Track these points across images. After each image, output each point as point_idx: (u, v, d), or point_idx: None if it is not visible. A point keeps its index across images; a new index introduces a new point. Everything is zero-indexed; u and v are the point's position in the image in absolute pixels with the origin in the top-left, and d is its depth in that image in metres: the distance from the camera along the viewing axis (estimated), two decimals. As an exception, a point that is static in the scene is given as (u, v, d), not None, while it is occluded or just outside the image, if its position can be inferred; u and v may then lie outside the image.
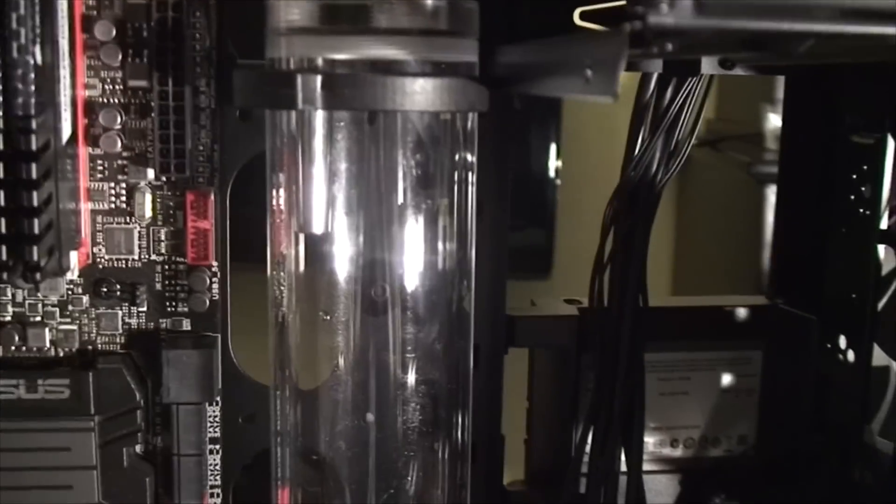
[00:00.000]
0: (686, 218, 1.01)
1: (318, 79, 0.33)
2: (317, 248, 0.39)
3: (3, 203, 0.34)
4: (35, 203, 0.34)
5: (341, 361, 0.41)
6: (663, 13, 0.23)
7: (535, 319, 0.47)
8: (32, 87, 0.33)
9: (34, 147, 0.33)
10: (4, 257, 0.34)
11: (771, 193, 0.94)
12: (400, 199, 0.39)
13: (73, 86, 0.38)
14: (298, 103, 0.33)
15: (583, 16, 0.40)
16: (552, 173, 1.06)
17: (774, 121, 1.01)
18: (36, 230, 0.34)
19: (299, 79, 0.33)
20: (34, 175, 0.34)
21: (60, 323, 0.41)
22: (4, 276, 0.34)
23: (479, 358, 0.45)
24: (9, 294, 0.41)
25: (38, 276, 0.35)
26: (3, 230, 0.34)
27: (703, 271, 0.90)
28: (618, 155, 0.45)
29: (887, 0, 0.24)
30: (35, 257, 0.34)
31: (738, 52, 0.36)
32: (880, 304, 0.44)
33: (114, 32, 0.39)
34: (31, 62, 0.33)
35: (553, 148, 1.07)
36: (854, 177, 0.44)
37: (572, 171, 1.07)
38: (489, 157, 0.43)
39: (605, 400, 0.47)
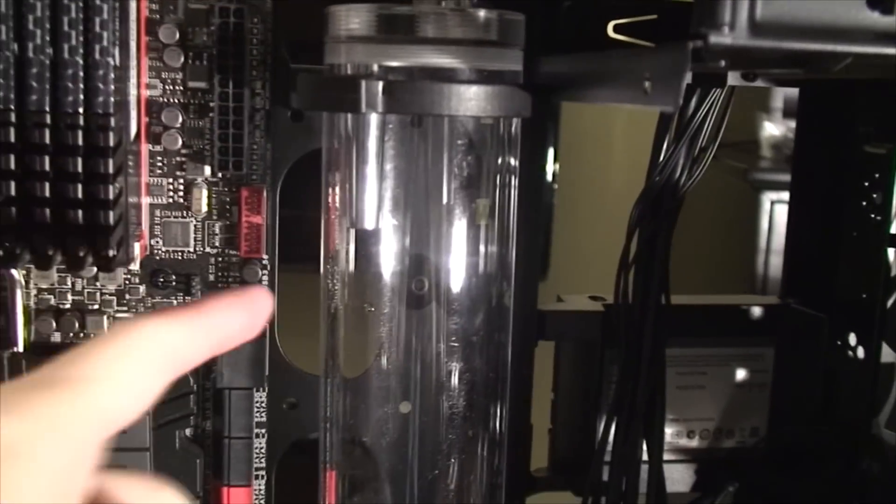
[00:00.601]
0: (684, 221, 1.04)
1: (380, 85, 0.36)
2: (367, 244, 0.41)
3: (80, 196, 0.36)
4: (111, 196, 0.36)
5: (385, 351, 0.43)
6: (724, 34, 0.25)
7: (564, 314, 0.49)
8: (112, 87, 0.36)
9: (112, 143, 0.36)
10: (77, 247, 0.36)
11: (766, 199, 0.97)
12: (445, 199, 0.41)
13: (138, 85, 0.41)
14: (362, 107, 0.35)
15: (616, 28, 0.43)
16: (549, 177, 1.09)
17: (770, 129, 1.04)
18: (111, 222, 0.36)
19: (363, 84, 0.35)
20: (111, 170, 0.36)
21: (117, 311, 0.43)
22: (79, 263, 0.37)
23: (511, 350, 0.47)
24: (68, 283, 0.43)
25: (111, 265, 0.37)
26: (80, 221, 0.36)
27: (699, 272, 0.92)
28: (613, 160, 0.48)
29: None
30: (109, 248, 0.37)
31: (779, 67, 0.38)
32: (889, 303, 0.47)
33: (176, 36, 0.41)
34: (111, 63, 0.36)
35: (551, 152, 1.09)
36: (866, 184, 0.47)
37: (569, 175, 1.10)
38: (525, 160, 0.45)
39: (628, 392, 0.49)
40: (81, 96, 0.35)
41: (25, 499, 0.19)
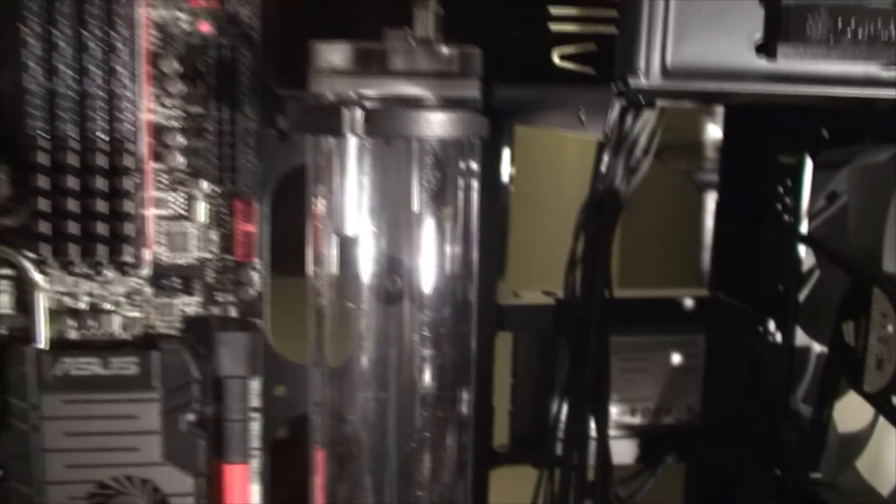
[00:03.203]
0: (632, 220, 1.11)
1: (359, 112, 0.42)
2: (348, 248, 0.47)
3: (104, 210, 0.42)
4: (133, 211, 0.42)
5: (364, 342, 0.49)
6: (640, 78, 0.32)
7: (520, 308, 0.56)
8: (131, 115, 0.42)
9: (133, 165, 0.42)
10: (99, 254, 0.42)
11: (709, 199, 1.04)
12: (415, 207, 0.48)
13: (143, 110, 0.46)
14: (345, 131, 0.42)
15: (561, 56, 0.49)
16: (506, 178, 1.15)
17: (713, 132, 1.11)
18: (134, 233, 0.42)
19: (345, 112, 0.42)
20: (132, 188, 0.42)
21: (128, 310, 0.49)
22: (101, 269, 0.43)
23: (475, 340, 0.54)
24: (84, 286, 0.49)
25: (130, 270, 0.43)
26: (105, 233, 0.42)
27: (647, 267, 1.00)
28: (565, 165, 0.54)
29: (798, 67, 0.34)
30: (128, 255, 0.42)
31: (691, 100, 0.45)
32: (802, 295, 0.54)
33: (178, 67, 0.47)
34: (130, 95, 0.42)
35: (507, 154, 1.16)
36: (780, 189, 0.54)
37: (524, 178, 1.16)
38: (483, 171, 0.52)
39: (578, 376, 0.56)
40: (105, 124, 0.41)
41: None
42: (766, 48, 0.33)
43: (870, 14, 0.33)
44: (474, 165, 0.47)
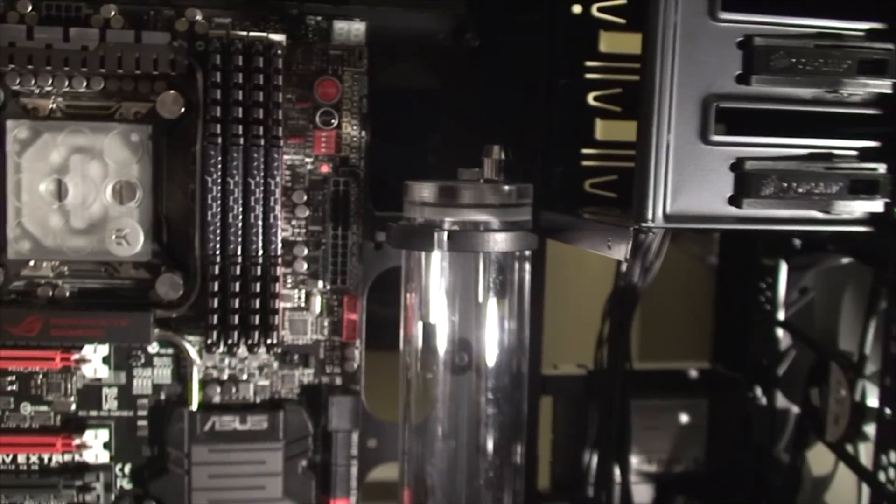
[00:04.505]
0: (651, 299, 1.25)
1: (445, 234, 0.57)
2: (430, 331, 0.62)
3: (257, 307, 0.57)
4: (279, 307, 0.57)
5: (440, 404, 0.64)
6: (649, 222, 0.47)
7: (559, 378, 0.71)
8: (277, 238, 0.57)
9: (279, 274, 0.57)
10: (256, 339, 0.58)
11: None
12: (480, 300, 0.62)
13: (277, 230, 0.62)
14: (434, 248, 0.57)
15: (591, 185, 0.64)
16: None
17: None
18: (277, 323, 0.57)
19: (436, 234, 0.56)
20: (279, 290, 0.57)
21: (259, 380, 0.64)
22: (255, 349, 0.58)
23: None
24: (226, 361, 0.63)
25: (272, 350, 0.58)
26: (257, 323, 0.57)
27: (663, 342, 1.14)
28: (594, 258, 0.68)
29: (758, 213, 0.49)
30: (275, 339, 0.58)
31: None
32: (782, 368, 0.69)
33: (304, 198, 0.62)
34: (277, 223, 0.57)
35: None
36: (763, 285, 0.69)
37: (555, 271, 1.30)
38: (531, 273, 0.66)
39: (605, 432, 0.70)
40: (261, 244, 0.57)
41: None
42: (735, 201, 0.48)
43: (808, 176, 0.48)
44: (527, 275, 0.62)
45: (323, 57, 0.62)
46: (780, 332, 0.67)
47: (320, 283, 0.64)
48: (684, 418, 0.73)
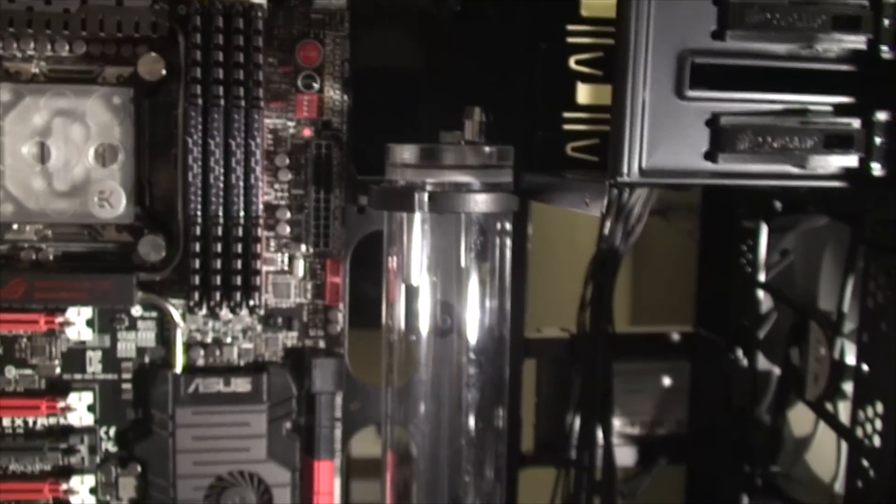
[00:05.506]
0: (643, 271, 1.26)
1: (426, 195, 0.57)
2: (412, 294, 0.62)
3: (240, 268, 0.57)
4: (261, 268, 0.57)
5: (422, 367, 0.64)
6: (624, 177, 0.47)
7: (542, 341, 0.71)
8: (259, 200, 0.57)
9: (260, 235, 0.57)
10: (239, 300, 0.58)
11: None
12: (463, 263, 0.63)
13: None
14: (416, 209, 0.57)
15: (573, 149, 0.65)
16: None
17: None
18: (259, 284, 0.58)
19: (416, 195, 0.57)
20: (260, 251, 0.57)
21: (243, 343, 0.64)
22: (237, 311, 0.58)
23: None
24: (210, 324, 0.64)
25: (254, 312, 0.58)
26: (240, 284, 0.57)
27: (654, 307, 1.15)
28: (577, 225, 0.68)
29: (733, 168, 0.49)
30: (258, 301, 0.58)
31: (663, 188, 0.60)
32: (763, 330, 0.69)
33: (287, 161, 0.62)
34: (259, 185, 0.57)
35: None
36: (744, 248, 0.69)
37: (541, 235, 1.31)
38: (513, 236, 0.67)
39: (588, 395, 0.71)
40: (243, 206, 0.57)
41: None
42: (710, 156, 0.49)
43: (783, 131, 0.49)
44: (508, 240, 0.62)
45: (304, 20, 0.62)
46: (761, 294, 0.68)
47: (303, 247, 0.64)
48: (667, 381, 0.74)
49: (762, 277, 0.68)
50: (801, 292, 0.66)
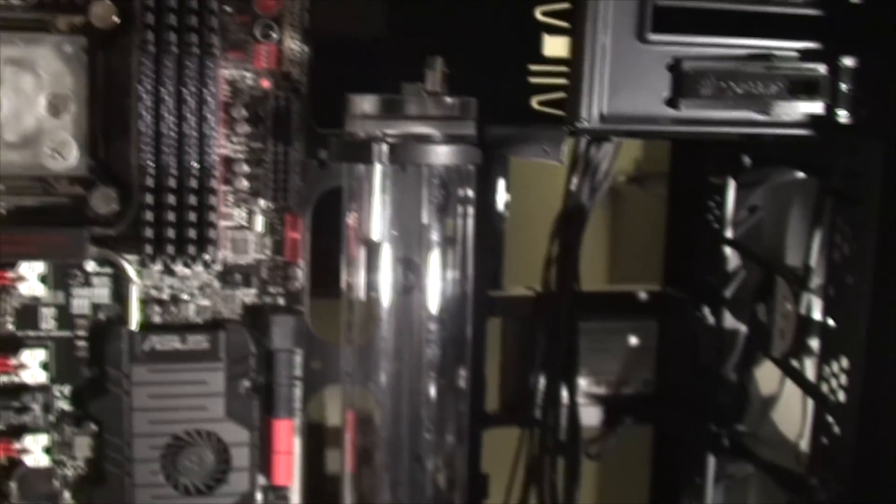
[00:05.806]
0: (619, 237, 1.26)
1: (385, 146, 0.56)
2: (373, 250, 0.61)
3: (195, 220, 0.56)
4: (215, 221, 0.56)
5: (384, 324, 0.63)
6: (583, 123, 0.46)
7: (507, 299, 0.70)
8: (214, 151, 0.56)
9: (216, 186, 0.56)
10: (193, 253, 0.56)
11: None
12: (425, 219, 0.62)
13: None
14: (375, 160, 0.56)
15: (538, 103, 0.63)
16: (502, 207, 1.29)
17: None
18: (215, 237, 0.56)
19: (374, 146, 0.55)
20: (215, 204, 0.56)
21: (201, 300, 0.63)
22: (191, 265, 0.57)
23: (471, 325, 0.67)
24: (166, 281, 0.62)
25: (214, 267, 0.57)
26: (195, 237, 0.56)
27: (631, 267, 1.15)
28: (555, 191, 0.67)
29: (695, 114, 0.48)
30: (212, 255, 0.57)
31: (626, 137, 0.59)
32: (731, 288, 0.68)
33: (245, 113, 0.61)
34: (214, 136, 0.56)
35: (503, 185, 1.29)
36: (711, 204, 0.68)
37: (518, 204, 1.30)
38: (480, 194, 0.66)
39: (553, 354, 0.70)
40: (196, 157, 0.55)
41: None
42: (672, 102, 0.48)
43: (746, 76, 0.48)
44: (470, 193, 0.61)
45: (263, -33, 0.60)
46: (728, 251, 0.67)
47: (262, 202, 0.62)
48: (633, 340, 0.73)
49: (729, 234, 0.67)
50: (768, 249, 0.65)
